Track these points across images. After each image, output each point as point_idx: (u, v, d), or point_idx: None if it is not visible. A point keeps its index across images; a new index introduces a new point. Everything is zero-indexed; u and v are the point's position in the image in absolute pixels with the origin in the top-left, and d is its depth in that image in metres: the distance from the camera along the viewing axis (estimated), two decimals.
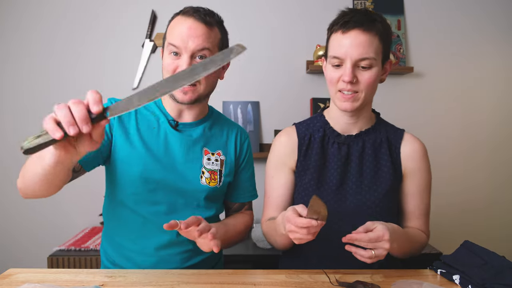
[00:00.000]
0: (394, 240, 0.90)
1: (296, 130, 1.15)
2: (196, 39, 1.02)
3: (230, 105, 2.23)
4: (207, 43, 1.04)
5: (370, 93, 1.03)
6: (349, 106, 1.02)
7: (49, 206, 2.18)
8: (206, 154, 1.14)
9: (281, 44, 2.24)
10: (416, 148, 1.11)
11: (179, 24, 1.04)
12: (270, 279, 0.96)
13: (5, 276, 0.96)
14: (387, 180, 1.08)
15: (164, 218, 1.06)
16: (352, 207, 1.06)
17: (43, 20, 2.17)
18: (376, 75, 1.01)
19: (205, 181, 1.12)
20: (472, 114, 2.31)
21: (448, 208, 2.32)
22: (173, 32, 1.05)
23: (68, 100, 0.68)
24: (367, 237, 0.87)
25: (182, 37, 1.02)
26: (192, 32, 1.02)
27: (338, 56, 0.99)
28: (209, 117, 1.19)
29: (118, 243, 1.13)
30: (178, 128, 1.13)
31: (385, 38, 1.02)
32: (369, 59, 0.98)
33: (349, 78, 0.98)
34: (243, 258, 1.82)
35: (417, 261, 1.80)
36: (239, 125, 1.28)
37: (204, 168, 1.13)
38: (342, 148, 1.10)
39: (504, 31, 2.29)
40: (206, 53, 1.04)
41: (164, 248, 1.10)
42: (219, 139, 1.18)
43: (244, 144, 1.23)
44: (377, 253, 0.88)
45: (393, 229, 0.93)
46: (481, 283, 0.89)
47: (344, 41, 0.98)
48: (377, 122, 1.14)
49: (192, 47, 1.02)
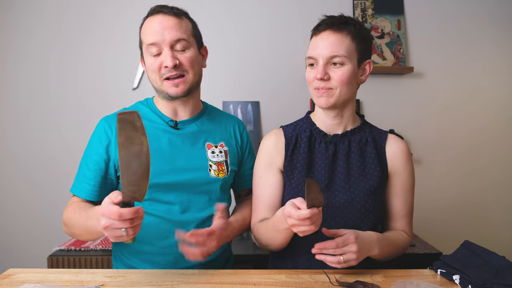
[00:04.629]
0: (374, 246, 0.99)
1: (283, 132, 1.18)
2: (170, 30, 1.05)
3: (230, 105, 2.23)
4: (182, 34, 1.07)
5: (345, 90, 1.06)
6: (324, 102, 1.07)
7: (49, 206, 2.19)
8: (209, 148, 1.16)
9: (281, 44, 2.24)
10: (400, 148, 1.14)
11: (150, 24, 1.08)
12: (270, 279, 0.96)
13: (5, 276, 0.96)
14: (375, 177, 1.10)
15: (179, 216, 1.09)
16: (342, 204, 1.08)
17: (43, 20, 2.17)
18: (349, 73, 1.05)
19: (214, 173, 1.15)
20: (472, 114, 2.31)
21: (448, 208, 2.32)
22: (146, 33, 1.08)
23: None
24: (334, 243, 0.93)
25: (156, 32, 1.05)
26: (164, 25, 1.05)
27: (312, 56, 1.07)
28: (204, 111, 1.22)
29: (134, 249, 1.12)
30: (178, 126, 1.14)
31: (359, 38, 1.06)
32: (339, 56, 1.03)
33: (320, 75, 1.04)
34: (243, 258, 1.82)
35: (417, 261, 1.82)
36: (235, 116, 1.32)
37: (210, 162, 1.15)
38: (329, 147, 1.12)
39: (505, 30, 2.29)
40: (184, 44, 1.07)
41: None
42: (219, 131, 1.21)
43: (243, 134, 1.27)
44: (346, 258, 0.93)
45: (368, 235, 1.00)
46: (481, 283, 0.89)
47: (317, 42, 1.06)
48: (362, 123, 1.17)
49: (168, 38, 1.05)
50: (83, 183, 1.11)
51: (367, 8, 2.25)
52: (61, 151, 2.18)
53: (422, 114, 2.30)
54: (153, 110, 1.16)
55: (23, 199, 2.21)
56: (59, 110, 2.19)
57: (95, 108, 2.17)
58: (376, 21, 2.24)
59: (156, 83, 1.10)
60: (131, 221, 0.80)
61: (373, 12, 2.25)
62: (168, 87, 1.08)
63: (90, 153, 1.12)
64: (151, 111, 1.16)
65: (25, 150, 2.20)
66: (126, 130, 0.75)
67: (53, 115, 2.19)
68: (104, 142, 1.10)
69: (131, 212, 0.79)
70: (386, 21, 2.25)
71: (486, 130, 2.32)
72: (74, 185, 1.14)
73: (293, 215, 0.87)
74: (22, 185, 2.21)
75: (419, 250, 1.86)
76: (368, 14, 2.24)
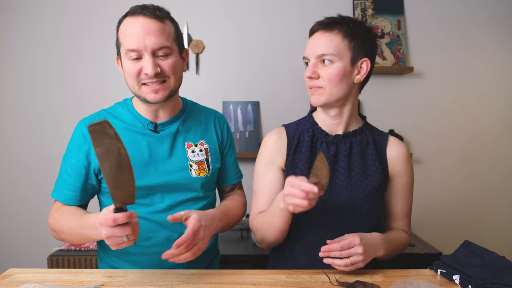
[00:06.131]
0: (380, 247, 1.01)
1: (286, 130, 1.18)
2: (152, 36, 0.99)
3: (230, 105, 2.23)
4: (165, 40, 1.01)
5: (336, 89, 1.05)
6: (315, 100, 1.08)
7: (49, 206, 2.17)
8: (189, 148, 1.15)
9: (281, 44, 2.24)
10: (401, 150, 1.15)
11: (130, 26, 1.01)
12: (270, 279, 0.96)
13: (5, 276, 0.96)
14: (376, 179, 1.10)
15: (163, 215, 1.07)
16: (343, 204, 1.08)
17: (43, 20, 2.17)
18: (339, 71, 1.04)
19: (195, 173, 1.14)
20: (472, 114, 2.31)
21: (448, 208, 2.32)
22: (126, 36, 1.01)
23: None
24: (339, 245, 0.95)
25: (137, 38, 0.99)
26: (146, 29, 0.99)
27: (305, 55, 1.09)
28: (184, 110, 1.18)
29: (119, 251, 1.11)
30: (157, 130, 1.12)
31: (352, 36, 1.05)
32: (327, 54, 1.04)
33: (309, 73, 1.06)
34: (243, 258, 1.82)
35: (417, 261, 1.82)
36: (215, 110, 1.28)
37: (190, 161, 1.14)
38: (331, 147, 1.13)
39: (506, 30, 2.29)
40: (166, 51, 1.02)
41: (165, 245, 1.10)
42: (198, 129, 1.18)
43: (223, 128, 1.25)
44: (353, 260, 0.94)
45: (373, 236, 1.01)
46: (481, 283, 0.89)
47: (309, 42, 1.09)
48: (364, 125, 1.17)
49: (150, 46, 0.99)
50: (63, 188, 1.09)
51: (367, 8, 2.25)
52: (61, 151, 2.15)
53: (422, 114, 2.30)
54: (131, 112, 1.12)
55: (23, 199, 2.21)
56: (59, 110, 2.19)
57: (95, 108, 2.14)
58: (376, 21, 2.24)
59: (133, 88, 1.05)
60: (130, 226, 0.82)
61: (373, 12, 2.25)
62: (147, 93, 1.03)
63: (69, 158, 1.10)
64: (130, 113, 1.12)
65: (25, 150, 2.20)
66: (100, 141, 0.76)
67: (53, 115, 2.19)
68: (83, 147, 1.08)
69: (125, 217, 0.80)
70: (386, 21, 2.25)
71: (487, 131, 2.32)
72: (54, 190, 1.12)
73: (293, 183, 0.88)
74: (22, 185, 2.21)
75: (419, 250, 1.86)
76: (368, 14, 2.24)
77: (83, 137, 1.09)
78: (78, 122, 1.13)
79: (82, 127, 1.10)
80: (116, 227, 0.81)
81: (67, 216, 1.04)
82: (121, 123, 1.11)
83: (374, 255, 1.00)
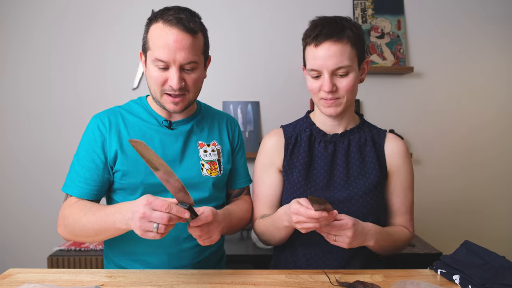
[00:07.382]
0: (371, 237, 0.99)
1: (283, 131, 1.19)
2: (184, 52, 1.00)
3: (230, 105, 2.23)
4: (194, 55, 1.02)
5: (351, 97, 1.08)
6: (333, 111, 1.08)
7: (49, 206, 2.18)
8: (201, 147, 1.16)
9: (281, 44, 2.24)
10: (399, 147, 1.16)
11: (163, 36, 1.00)
12: (270, 279, 0.96)
13: (5, 276, 0.96)
14: (374, 176, 1.11)
15: None
16: (341, 201, 1.09)
17: (43, 20, 2.17)
18: (354, 80, 1.06)
19: (207, 172, 1.14)
20: (472, 113, 2.31)
21: (448, 208, 2.32)
22: (157, 45, 1.01)
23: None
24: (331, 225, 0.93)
25: (168, 50, 0.99)
26: (178, 45, 0.99)
27: (315, 68, 1.05)
28: (198, 111, 1.21)
29: (127, 251, 1.12)
30: (172, 126, 1.13)
31: (357, 42, 1.05)
32: (344, 67, 1.03)
33: (328, 88, 1.03)
34: (243, 258, 1.82)
35: (417, 261, 1.82)
36: (227, 113, 1.30)
37: (202, 161, 1.14)
38: (329, 147, 1.14)
39: (505, 30, 2.29)
40: (193, 65, 1.04)
41: (174, 244, 1.10)
42: (211, 129, 1.20)
43: (235, 131, 1.26)
44: (339, 240, 0.95)
45: (367, 225, 1.00)
46: (481, 283, 0.89)
47: (318, 54, 1.03)
48: (361, 122, 1.18)
49: (180, 60, 1.01)
50: (79, 182, 1.08)
51: (367, 8, 2.25)
52: (61, 151, 2.18)
53: (422, 114, 2.30)
54: (146, 109, 1.15)
55: (23, 199, 2.21)
56: (59, 110, 2.19)
57: (95, 108, 2.16)
58: (376, 21, 2.24)
59: (155, 94, 1.07)
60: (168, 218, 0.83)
61: (373, 12, 2.25)
62: (167, 103, 1.06)
63: (85, 152, 1.09)
64: (145, 110, 1.15)
65: (25, 150, 2.20)
66: (144, 157, 0.83)
67: (53, 115, 2.19)
68: (99, 140, 1.08)
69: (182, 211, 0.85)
70: (386, 21, 2.25)
71: (486, 130, 2.32)
72: (66, 184, 1.10)
73: (302, 213, 0.89)
74: (22, 185, 2.21)
75: (419, 250, 1.86)
76: (368, 14, 2.24)
77: (99, 130, 1.09)
78: (92, 117, 1.13)
79: (96, 121, 1.11)
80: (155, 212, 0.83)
81: (85, 208, 1.01)
82: (136, 119, 1.13)
83: (362, 243, 0.99)
